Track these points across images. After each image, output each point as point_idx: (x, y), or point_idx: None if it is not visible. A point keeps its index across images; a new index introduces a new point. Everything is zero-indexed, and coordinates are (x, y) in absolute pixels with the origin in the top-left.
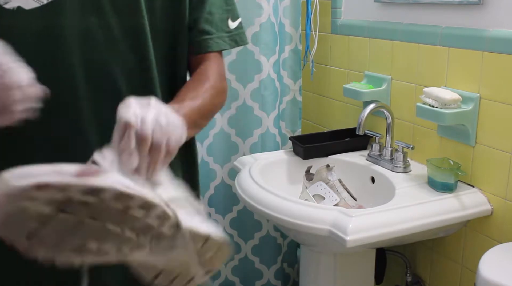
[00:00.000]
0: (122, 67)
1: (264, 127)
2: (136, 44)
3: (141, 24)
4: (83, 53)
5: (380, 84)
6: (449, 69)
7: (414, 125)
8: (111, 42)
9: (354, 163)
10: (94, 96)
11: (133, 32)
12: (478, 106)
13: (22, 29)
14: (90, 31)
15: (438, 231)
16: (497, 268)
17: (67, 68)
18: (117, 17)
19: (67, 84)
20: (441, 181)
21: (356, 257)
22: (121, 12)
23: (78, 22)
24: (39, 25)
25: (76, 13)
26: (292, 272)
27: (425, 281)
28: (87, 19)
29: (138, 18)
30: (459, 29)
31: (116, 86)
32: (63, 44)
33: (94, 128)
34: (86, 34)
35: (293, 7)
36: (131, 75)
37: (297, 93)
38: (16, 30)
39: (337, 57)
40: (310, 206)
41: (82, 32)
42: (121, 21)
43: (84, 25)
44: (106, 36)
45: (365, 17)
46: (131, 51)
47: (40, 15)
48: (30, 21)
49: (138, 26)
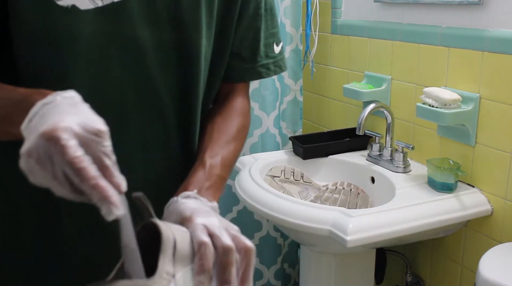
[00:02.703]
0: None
1: (264, 127)
2: (188, 64)
3: (198, 43)
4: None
5: (380, 84)
6: (449, 69)
7: (414, 125)
8: (163, 57)
9: (354, 163)
10: (139, 111)
11: (188, 51)
12: (478, 106)
13: (77, 30)
14: (142, 42)
15: (438, 231)
16: (497, 268)
17: (117, 77)
18: (173, 32)
19: (117, 93)
20: (441, 181)
21: (356, 257)
22: (179, 28)
23: (134, 32)
24: (94, 28)
25: (132, 22)
26: (293, 273)
27: (425, 281)
28: (143, 30)
29: (197, 37)
30: (459, 29)
31: (161, 103)
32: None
33: (139, 147)
34: (139, 45)
35: (294, 7)
36: (177, 94)
37: (298, 93)
38: (71, 31)
39: (337, 57)
40: (310, 206)
41: (134, 41)
42: (177, 38)
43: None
44: (158, 50)
45: (365, 17)
46: (181, 70)
47: (95, 18)
48: (85, 23)
49: (195, 45)
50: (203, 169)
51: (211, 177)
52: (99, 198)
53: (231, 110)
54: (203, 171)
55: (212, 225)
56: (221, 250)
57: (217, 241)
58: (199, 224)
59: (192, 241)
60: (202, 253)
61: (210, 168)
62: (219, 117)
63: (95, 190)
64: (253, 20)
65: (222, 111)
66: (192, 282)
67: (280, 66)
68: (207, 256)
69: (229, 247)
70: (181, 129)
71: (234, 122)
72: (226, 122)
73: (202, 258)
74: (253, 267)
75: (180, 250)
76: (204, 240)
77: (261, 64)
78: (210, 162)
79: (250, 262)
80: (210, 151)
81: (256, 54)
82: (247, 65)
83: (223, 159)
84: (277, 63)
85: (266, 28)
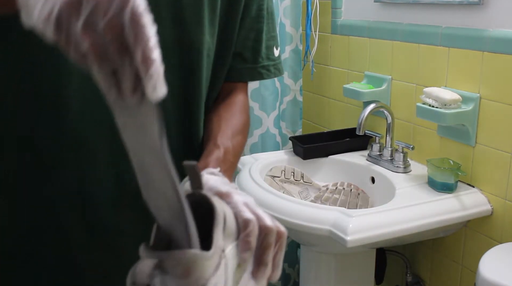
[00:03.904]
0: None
1: (264, 127)
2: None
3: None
4: None
5: (380, 84)
6: (449, 69)
7: (414, 125)
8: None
9: (354, 163)
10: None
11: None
12: (478, 106)
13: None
14: None
15: (438, 231)
16: (497, 268)
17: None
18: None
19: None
20: (441, 181)
21: (356, 257)
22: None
23: None
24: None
25: None
26: (293, 272)
27: (425, 281)
28: None
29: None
30: (459, 29)
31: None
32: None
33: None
34: None
35: (294, 7)
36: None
37: (298, 93)
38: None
39: (337, 57)
40: (310, 206)
41: None
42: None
43: None
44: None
45: (365, 17)
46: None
47: None
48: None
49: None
50: (218, 150)
51: (226, 162)
52: (149, 71)
53: (235, 106)
54: (218, 152)
55: (252, 204)
56: (264, 230)
57: (260, 221)
58: (241, 202)
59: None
60: (249, 231)
61: (225, 153)
62: (224, 111)
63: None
64: (255, 22)
65: (226, 106)
66: (236, 259)
67: (280, 69)
68: (254, 234)
69: (272, 228)
70: (182, 126)
71: (239, 117)
72: (232, 116)
73: (250, 236)
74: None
75: (229, 225)
76: (251, 217)
77: (262, 65)
78: (225, 147)
79: (282, 247)
80: (221, 138)
81: (257, 55)
82: (249, 65)
83: (234, 147)
84: (277, 66)
85: (268, 31)
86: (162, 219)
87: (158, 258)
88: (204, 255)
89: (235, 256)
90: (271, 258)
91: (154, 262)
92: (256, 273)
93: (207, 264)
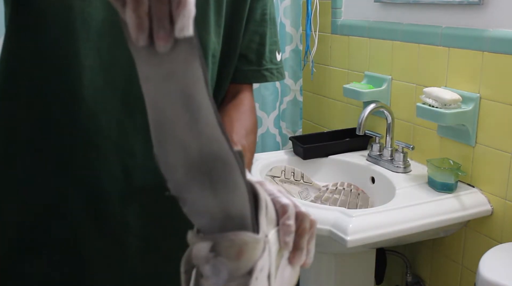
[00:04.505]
0: None
1: (264, 127)
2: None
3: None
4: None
5: (380, 84)
6: (449, 69)
7: (414, 125)
8: None
9: (354, 163)
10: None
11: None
12: (478, 106)
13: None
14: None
15: (438, 231)
16: (497, 268)
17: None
18: None
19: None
20: (441, 181)
21: (356, 257)
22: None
23: None
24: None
25: None
26: None
27: (425, 281)
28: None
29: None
30: (459, 29)
31: None
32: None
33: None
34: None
35: (294, 7)
36: None
37: (298, 93)
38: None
39: (337, 57)
40: (310, 206)
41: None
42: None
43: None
44: None
45: (365, 17)
46: None
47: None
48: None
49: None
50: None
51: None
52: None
53: (243, 107)
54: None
55: (284, 192)
56: (299, 216)
57: (295, 207)
58: (275, 189)
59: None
60: (289, 215)
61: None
62: (234, 112)
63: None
64: (260, 26)
65: (235, 107)
66: (277, 244)
67: (282, 73)
68: (293, 218)
69: (306, 214)
70: None
71: (250, 117)
72: (242, 116)
73: (290, 219)
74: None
75: (269, 210)
76: (289, 202)
77: (266, 68)
78: (242, 145)
79: (313, 235)
80: (236, 137)
81: (262, 58)
82: (254, 67)
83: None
84: (280, 70)
85: (270, 36)
86: (174, 180)
87: (214, 240)
88: (255, 238)
89: (276, 242)
90: (306, 243)
91: (209, 245)
92: (292, 258)
93: (257, 247)
